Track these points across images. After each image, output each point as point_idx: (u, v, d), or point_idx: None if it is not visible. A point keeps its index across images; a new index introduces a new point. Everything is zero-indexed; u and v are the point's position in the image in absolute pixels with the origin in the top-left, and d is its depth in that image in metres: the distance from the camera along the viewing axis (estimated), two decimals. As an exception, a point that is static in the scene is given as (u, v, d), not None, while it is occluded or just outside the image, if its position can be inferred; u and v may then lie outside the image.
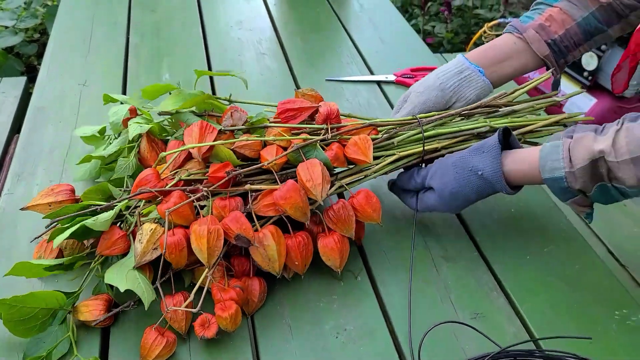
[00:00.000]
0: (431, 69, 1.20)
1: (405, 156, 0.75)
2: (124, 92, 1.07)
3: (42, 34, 2.46)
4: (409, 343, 0.64)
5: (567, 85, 2.11)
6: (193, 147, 0.69)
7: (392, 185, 0.79)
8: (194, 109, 0.79)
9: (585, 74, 1.93)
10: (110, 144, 0.82)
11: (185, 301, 0.63)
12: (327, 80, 1.13)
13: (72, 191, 0.73)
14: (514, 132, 0.75)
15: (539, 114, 0.83)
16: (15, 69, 2.21)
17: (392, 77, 1.14)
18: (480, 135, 0.78)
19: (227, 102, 0.81)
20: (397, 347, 0.64)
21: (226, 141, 0.70)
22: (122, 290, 0.62)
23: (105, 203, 0.68)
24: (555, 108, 2.14)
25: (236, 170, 0.67)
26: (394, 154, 0.75)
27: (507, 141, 0.72)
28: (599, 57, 1.88)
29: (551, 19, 0.80)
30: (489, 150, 0.68)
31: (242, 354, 0.63)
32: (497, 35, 2.59)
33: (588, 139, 0.62)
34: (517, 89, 0.81)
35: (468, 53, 0.83)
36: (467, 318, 0.67)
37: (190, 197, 0.66)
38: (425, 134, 0.76)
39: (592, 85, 1.88)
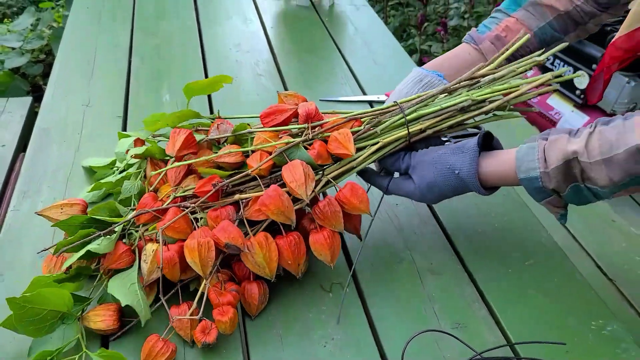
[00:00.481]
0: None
1: (389, 142, 0.75)
2: (126, 113, 1.12)
3: (47, 54, 2.53)
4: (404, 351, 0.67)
5: (559, 103, 2.15)
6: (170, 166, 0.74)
7: (362, 172, 0.78)
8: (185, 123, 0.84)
9: (577, 92, 1.97)
10: (118, 173, 0.87)
11: (177, 312, 0.66)
12: (321, 100, 1.18)
13: (85, 206, 0.77)
14: (499, 100, 0.75)
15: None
16: (21, 89, 2.27)
17: (383, 97, 1.18)
18: (464, 109, 0.76)
19: (214, 118, 0.85)
20: (382, 356, 0.68)
21: (205, 157, 0.75)
22: (122, 305, 0.66)
23: (110, 219, 0.72)
24: (547, 124, 2.18)
25: (222, 182, 0.71)
26: (377, 142, 0.75)
27: (491, 143, 0.74)
28: (590, 76, 1.93)
29: (507, 30, 0.82)
30: (468, 151, 0.70)
31: (234, 363, 0.66)
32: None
33: (562, 140, 0.64)
34: (495, 57, 0.79)
35: (426, 65, 0.84)
36: (449, 328, 0.71)
37: (185, 211, 0.70)
38: (408, 117, 0.75)
39: (584, 103, 1.92)
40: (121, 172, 0.87)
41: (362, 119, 0.77)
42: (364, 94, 1.22)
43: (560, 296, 0.76)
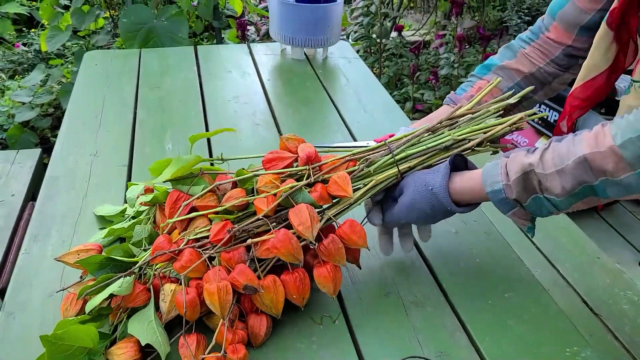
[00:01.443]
0: (408, 135, 1.32)
1: (382, 180, 0.82)
2: (131, 162, 1.19)
3: (56, 108, 2.64)
4: (379, 379, 0.71)
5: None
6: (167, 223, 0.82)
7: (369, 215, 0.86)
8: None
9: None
10: (129, 219, 0.94)
11: (197, 343, 0.71)
12: (314, 147, 1.25)
13: (100, 250, 0.83)
14: (478, 139, 0.84)
15: (498, 117, 0.89)
16: (30, 142, 2.36)
17: (372, 143, 1.26)
18: (447, 148, 0.84)
19: (219, 161, 0.92)
20: (368, 383, 0.72)
21: (214, 209, 0.81)
22: (142, 343, 0.71)
23: (127, 259, 0.78)
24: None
25: (234, 228, 0.78)
26: (371, 180, 0.82)
27: (467, 166, 0.81)
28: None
29: (480, 90, 0.91)
30: (441, 170, 0.78)
31: (230, 391, 0.71)
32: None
33: (520, 155, 0.72)
34: (471, 101, 0.89)
35: (413, 123, 0.95)
36: (433, 356, 0.75)
37: (200, 252, 0.76)
38: (397, 156, 0.83)
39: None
40: (132, 218, 0.93)
41: (355, 160, 0.84)
42: (354, 139, 1.29)
43: (537, 326, 0.81)
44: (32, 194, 1.56)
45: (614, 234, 2.25)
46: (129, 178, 1.13)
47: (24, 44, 3.30)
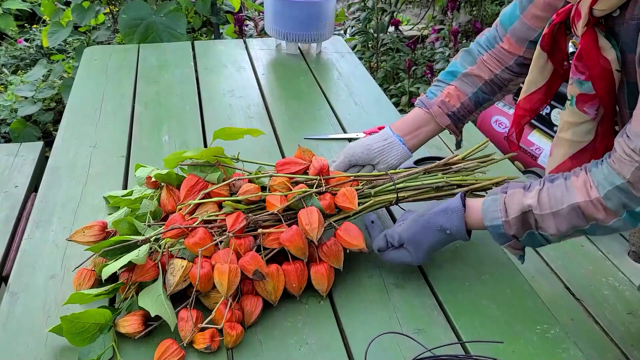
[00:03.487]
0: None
1: (379, 202, 0.93)
2: (129, 153, 1.24)
3: (58, 102, 2.69)
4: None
5: (539, 139, 2.27)
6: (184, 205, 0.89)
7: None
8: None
9: (555, 128, 2.09)
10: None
11: (193, 317, 0.77)
12: (305, 138, 1.30)
13: (104, 225, 0.89)
14: (465, 188, 0.96)
15: (484, 172, 1.04)
16: (33, 135, 2.41)
17: (362, 135, 1.31)
18: (438, 188, 0.95)
19: (235, 160, 0.98)
20: (349, 356, 0.77)
21: (235, 198, 0.89)
22: (152, 315, 0.76)
23: (134, 237, 0.82)
24: (528, 159, 2.30)
25: (251, 218, 0.85)
26: (370, 200, 0.92)
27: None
28: (552, 107, 2.07)
29: (449, 96, 0.99)
30: (455, 212, 0.84)
31: (220, 365, 0.76)
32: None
33: (519, 194, 0.80)
34: (464, 154, 1.01)
35: (392, 124, 1.02)
36: (410, 332, 0.80)
37: (212, 233, 0.83)
38: (398, 186, 0.93)
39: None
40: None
41: (359, 181, 0.94)
42: (345, 132, 1.34)
43: (510, 305, 0.86)
44: (34, 186, 1.61)
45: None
46: (127, 168, 1.17)
47: (26, 40, 3.34)
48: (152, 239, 0.83)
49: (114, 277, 0.85)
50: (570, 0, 0.79)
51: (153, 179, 0.97)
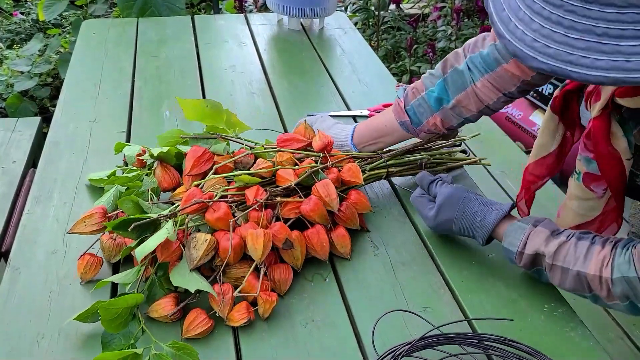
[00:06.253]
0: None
1: (373, 175, 1.00)
2: (129, 129, 1.22)
3: (54, 78, 2.65)
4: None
5: (542, 119, 2.26)
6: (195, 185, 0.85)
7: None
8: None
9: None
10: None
11: (229, 291, 0.76)
12: (308, 115, 1.28)
13: (105, 211, 0.86)
14: (447, 166, 1.04)
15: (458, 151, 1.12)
16: (29, 110, 2.38)
17: (366, 112, 1.29)
18: (421, 165, 1.03)
19: (235, 137, 0.96)
20: (356, 334, 0.76)
21: (248, 172, 0.88)
22: (192, 290, 0.75)
23: (150, 215, 0.80)
24: (530, 139, 2.29)
25: (267, 192, 0.84)
26: (365, 174, 0.98)
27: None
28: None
29: (435, 125, 0.95)
30: (497, 210, 0.83)
31: (225, 342, 0.75)
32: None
33: (542, 237, 0.77)
34: (443, 144, 1.08)
35: (360, 124, 1.04)
36: (417, 310, 0.79)
37: (233, 208, 0.83)
38: (388, 162, 1.01)
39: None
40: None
41: (354, 159, 0.98)
42: (349, 109, 1.32)
43: (517, 283, 0.85)
44: (32, 162, 1.59)
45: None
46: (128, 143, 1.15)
47: (22, 13, 3.28)
48: (170, 216, 0.81)
49: (116, 264, 0.85)
50: None
51: (151, 158, 0.94)
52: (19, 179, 1.48)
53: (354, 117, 1.28)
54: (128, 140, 1.18)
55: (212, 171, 0.88)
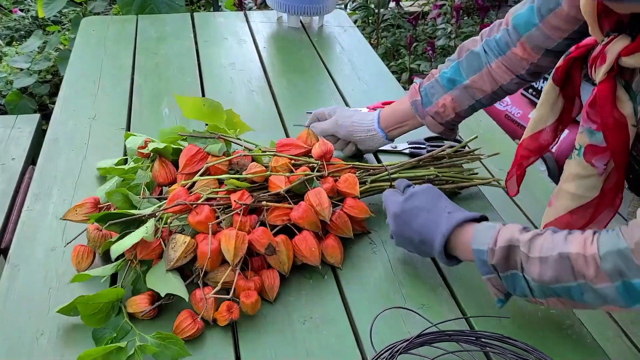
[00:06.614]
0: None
1: (374, 187, 0.96)
2: (129, 126, 1.22)
3: (54, 75, 2.65)
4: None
5: (541, 118, 2.26)
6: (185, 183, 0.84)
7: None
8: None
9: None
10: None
11: (207, 294, 0.75)
12: (307, 112, 1.28)
13: (96, 202, 0.87)
14: (456, 184, 1.00)
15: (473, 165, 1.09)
16: (29, 107, 2.38)
17: (364, 110, 1.28)
18: (429, 181, 0.98)
19: (234, 138, 0.96)
20: (354, 331, 0.77)
21: (238, 176, 0.87)
22: (162, 294, 0.75)
23: (135, 211, 0.81)
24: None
25: (254, 197, 0.84)
26: (365, 186, 0.95)
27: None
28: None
29: (444, 107, 0.96)
30: (470, 214, 0.78)
31: (224, 338, 0.75)
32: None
33: (514, 229, 0.72)
34: (454, 147, 1.05)
35: (383, 111, 1.04)
36: (415, 308, 0.80)
37: (216, 211, 0.81)
38: (392, 176, 0.97)
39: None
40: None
41: (356, 169, 0.96)
42: (348, 107, 1.32)
43: (515, 281, 0.85)
44: (32, 159, 1.59)
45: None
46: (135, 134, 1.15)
47: (21, 10, 3.28)
48: (149, 216, 0.81)
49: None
50: (595, 36, 0.73)
51: (148, 151, 0.94)
52: (18, 176, 1.48)
53: (353, 115, 1.28)
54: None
55: (201, 171, 0.87)
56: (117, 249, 0.75)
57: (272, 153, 0.92)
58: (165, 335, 0.70)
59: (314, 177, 0.89)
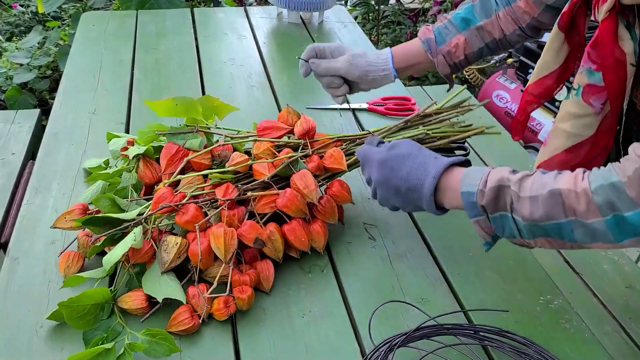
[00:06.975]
0: (398, 98, 1.35)
1: None
2: (128, 121, 1.22)
3: (54, 70, 2.64)
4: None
5: (540, 114, 2.26)
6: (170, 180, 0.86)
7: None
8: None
9: (557, 103, 2.08)
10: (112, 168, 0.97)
11: (205, 291, 0.76)
12: (307, 108, 1.28)
13: (84, 208, 0.87)
14: (447, 139, 0.94)
15: (462, 120, 1.01)
16: (29, 103, 2.38)
17: (365, 105, 1.29)
18: (421, 140, 0.93)
19: (215, 127, 0.95)
20: (352, 325, 0.77)
21: (221, 170, 0.86)
22: (160, 300, 0.75)
23: (121, 216, 0.80)
24: (529, 134, 2.28)
25: (240, 189, 0.83)
26: (353, 157, 0.91)
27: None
28: (568, 89, 2.04)
29: (457, 47, 0.96)
30: (456, 157, 0.77)
31: (223, 333, 0.75)
32: (479, 70, 2.77)
33: (504, 170, 0.70)
34: (441, 104, 1.00)
35: (395, 48, 1.01)
36: (414, 302, 0.80)
37: (202, 208, 0.81)
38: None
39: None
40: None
41: (342, 141, 0.92)
42: (348, 102, 1.32)
43: (514, 276, 0.86)
44: (31, 153, 1.59)
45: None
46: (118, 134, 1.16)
47: (21, 5, 3.28)
48: (146, 217, 0.81)
49: (102, 254, 0.83)
50: None
51: (128, 154, 0.92)
52: (18, 171, 1.48)
53: (353, 110, 1.28)
54: (127, 131, 1.18)
55: (180, 167, 0.86)
56: (108, 260, 0.75)
57: (253, 138, 0.89)
58: (155, 331, 0.70)
59: (298, 158, 0.87)
